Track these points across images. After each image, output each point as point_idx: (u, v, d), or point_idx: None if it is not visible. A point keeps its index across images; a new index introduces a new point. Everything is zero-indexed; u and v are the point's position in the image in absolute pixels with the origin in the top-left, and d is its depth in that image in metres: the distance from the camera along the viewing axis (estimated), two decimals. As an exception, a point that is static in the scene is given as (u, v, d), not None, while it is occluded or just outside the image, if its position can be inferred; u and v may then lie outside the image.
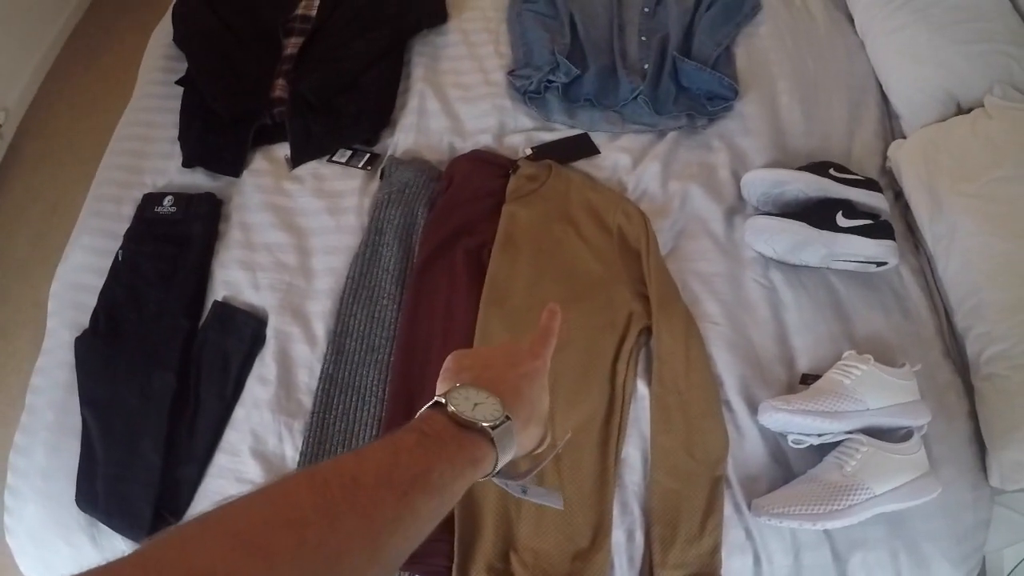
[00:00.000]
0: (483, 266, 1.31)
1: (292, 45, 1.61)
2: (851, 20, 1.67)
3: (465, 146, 1.47)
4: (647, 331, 1.25)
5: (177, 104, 1.56)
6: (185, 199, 1.42)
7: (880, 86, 1.56)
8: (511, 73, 1.52)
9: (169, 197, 1.43)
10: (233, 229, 1.41)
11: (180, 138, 1.50)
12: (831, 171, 1.36)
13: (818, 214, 1.30)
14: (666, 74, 1.50)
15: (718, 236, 1.35)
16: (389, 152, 1.48)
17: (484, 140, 1.47)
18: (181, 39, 1.65)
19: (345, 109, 1.51)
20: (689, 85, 1.50)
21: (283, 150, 1.49)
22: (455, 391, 0.51)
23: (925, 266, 1.35)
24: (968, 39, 1.43)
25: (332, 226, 1.39)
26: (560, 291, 1.28)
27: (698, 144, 1.45)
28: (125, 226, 1.41)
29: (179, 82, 1.58)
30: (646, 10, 1.64)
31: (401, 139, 1.48)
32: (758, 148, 1.44)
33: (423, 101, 1.52)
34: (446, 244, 1.33)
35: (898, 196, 1.43)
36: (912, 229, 1.39)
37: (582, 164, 1.44)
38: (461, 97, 1.53)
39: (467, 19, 1.67)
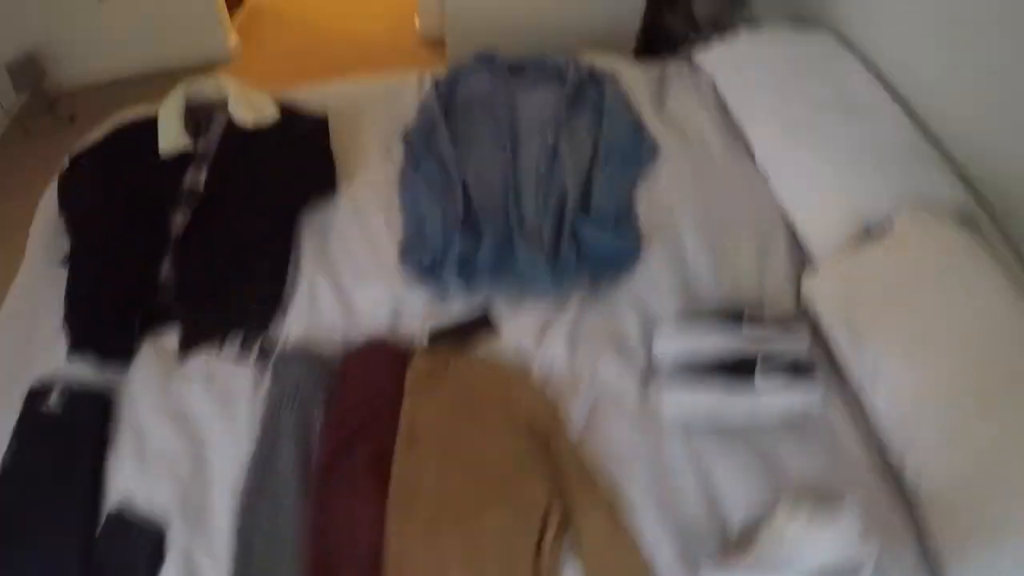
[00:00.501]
0: (386, 471, 1.21)
1: (179, 224, 1.55)
2: (753, 157, 1.68)
3: (358, 334, 1.39)
4: (568, 521, 1.18)
5: (63, 282, 1.47)
6: (71, 397, 1.33)
7: (784, 216, 1.56)
8: (403, 251, 1.48)
9: (55, 394, 1.34)
10: (125, 433, 1.31)
11: (65, 321, 1.41)
12: (744, 319, 1.33)
13: (734, 374, 1.27)
14: (565, 239, 1.46)
15: (632, 409, 1.29)
16: (281, 342, 1.40)
17: (378, 326, 1.40)
18: (66, 213, 1.59)
19: (233, 295, 1.45)
20: (589, 251, 1.46)
21: (172, 338, 1.42)
22: None
23: (851, 400, 1.30)
24: (868, 158, 1.46)
25: (226, 431, 1.29)
26: (471, 492, 1.20)
27: (604, 308, 1.41)
28: (12, 419, 1.30)
29: (64, 262, 1.51)
30: (541, 169, 1.62)
31: (293, 326, 1.41)
32: (667, 305, 1.41)
33: (313, 285, 1.46)
34: (345, 449, 1.23)
35: (817, 328, 1.39)
36: (836, 360, 1.35)
37: (484, 346, 1.37)
38: (353, 278, 1.46)
39: (358, 187, 1.62)
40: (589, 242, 1.46)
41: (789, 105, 1.64)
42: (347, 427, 1.25)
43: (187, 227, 1.52)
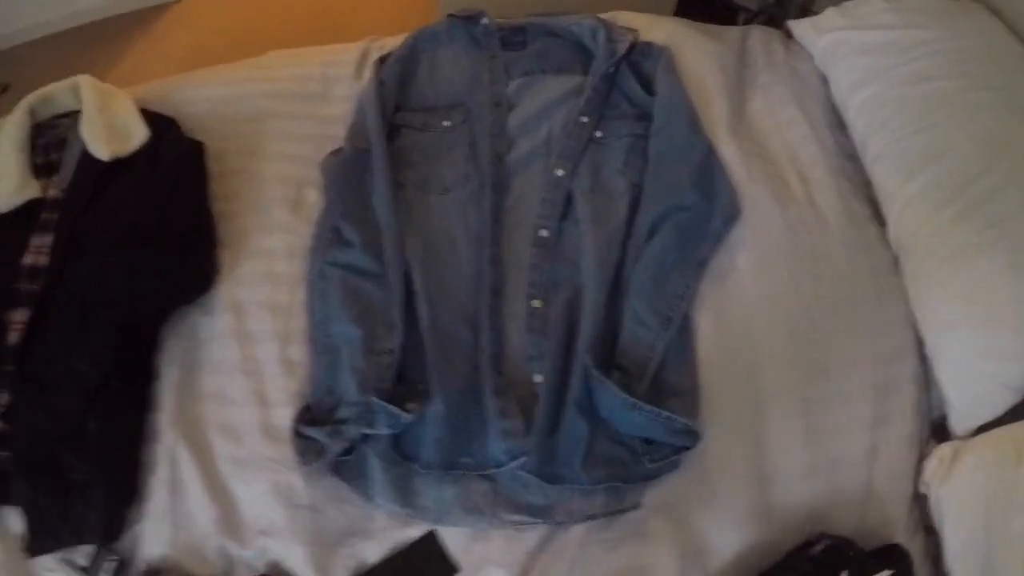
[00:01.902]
0: None
1: (17, 325, 1.04)
2: (879, 218, 1.07)
3: (243, 553, 0.88)
4: None
5: None
6: None
7: (919, 340, 1.00)
8: (299, 427, 0.91)
9: None
10: None
11: None
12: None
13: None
14: (571, 400, 0.88)
15: None
16: (139, 556, 0.90)
17: (270, 548, 0.87)
18: None
19: (72, 474, 0.97)
20: (612, 421, 0.89)
21: (15, 518, 0.97)
22: None
23: None
24: None
25: None
26: None
27: (625, 531, 0.87)
28: None
29: None
30: (544, 233, 1.01)
31: (153, 533, 0.91)
32: (727, 525, 0.88)
33: (176, 466, 0.92)
34: None
35: (930, 531, 0.94)
36: None
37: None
38: (230, 459, 0.92)
39: (244, 280, 1.03)
40: (611, 417, 0.88)
41: (950, 145, 1.01)
42: None
43: (24, 341, 1.02)
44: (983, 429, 0.94)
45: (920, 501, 0.95)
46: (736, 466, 0.90)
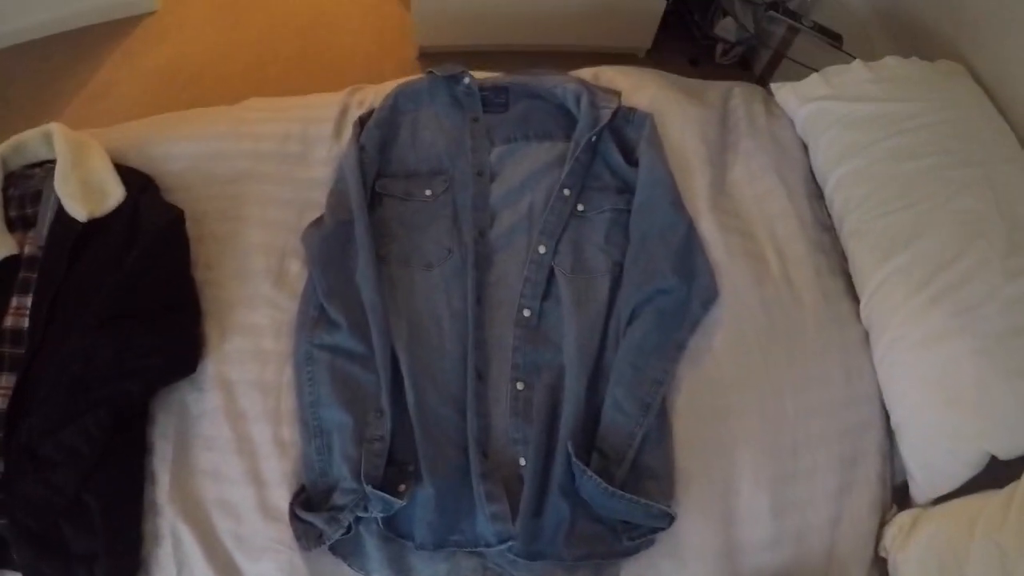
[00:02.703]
0: None
1: (1, 392, 1.05)
2: (853, 294, 1.12)
3: None
4: None
5: None
6: None
7: (885, 413, 1.06)
8: (296, 509, 0.93)
9: None
10: None
11: None
12: None
13: None
14: (554, 483, 0.92)
15: None
16: None
17: None
18: None
19: (73, 546, 0.98)
20: (592, 504, 0.93)
21: None
22: None
23: None
24: None
25: None
26: None
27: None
28: None
29: None
30: (526, 312, 1.04)
31: None
32: None
33: (179, 541, 0.95)
34: None
35: None
36: None
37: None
38: (232, 535, 0.94)
39: (232, 357, 1.04)
40: (590, 500, 0.93)
41: (927, 228, 1.05)
42: None
43: (10, 409, 1.02)
44: (942, 499, 1.00)
45: (880, 564, 1.01)
46: (706, 539, 0.95)
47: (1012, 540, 0.84)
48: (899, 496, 1.06)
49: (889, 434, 1.06)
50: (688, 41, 2.14)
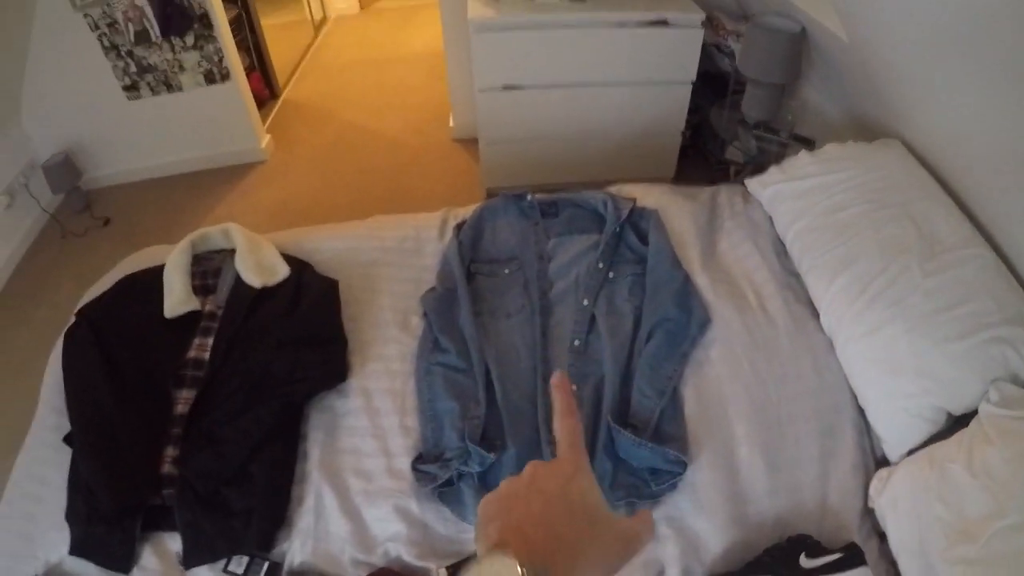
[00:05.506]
0: None
1: (183, 400, 1.51)
2: (816, 314, 1.52)
3: (369, 559, 1.29)
4: None
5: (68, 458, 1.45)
6: None
7: (854, 396, 1.41)
8: (416, 465, 1.37)
9: None
10: None
11: (67, 517, 1.39)
12: (802, 558, 1.20)
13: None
14: (600, 446, 1.32)
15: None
16: (287, 563, 1.32)
17: (391, 551, 1.30)
18: (68, 385, 1.56)
19: (234, 504, 1.38)
20: (627, 459, 1.33)
21: (174, 541, 1.37)
22: None
23: None
24: (953, 333, 1.29)
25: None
26: None
27: (640, 535, 1.29)
28: None
29: (66, 440, 1.49)
30: (576, 343, 1.49)
31: (298, 547, 1.32)
32: (714, 529, 1.25)
33: (320, 498, 1.36)
34: None
35: (882, 537, 1.26)
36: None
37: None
38: (363, 492, 1.36)
39: (370, 374, 1.52)
40: (626, 453, 1.32)
41: (859, 254, 1.46)
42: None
43: (190, 412, 1.48)
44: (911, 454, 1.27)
45: (871, 515, 1.27)
46: (716, 487, 1.29)
47: (961, 463, 1.13)
48: (881, 466, 1.33)
49: (861, 413, 1.38)
50: (705, 168, 2.60)
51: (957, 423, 1.27)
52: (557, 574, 0.42)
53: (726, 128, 2.42)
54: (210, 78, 2.96)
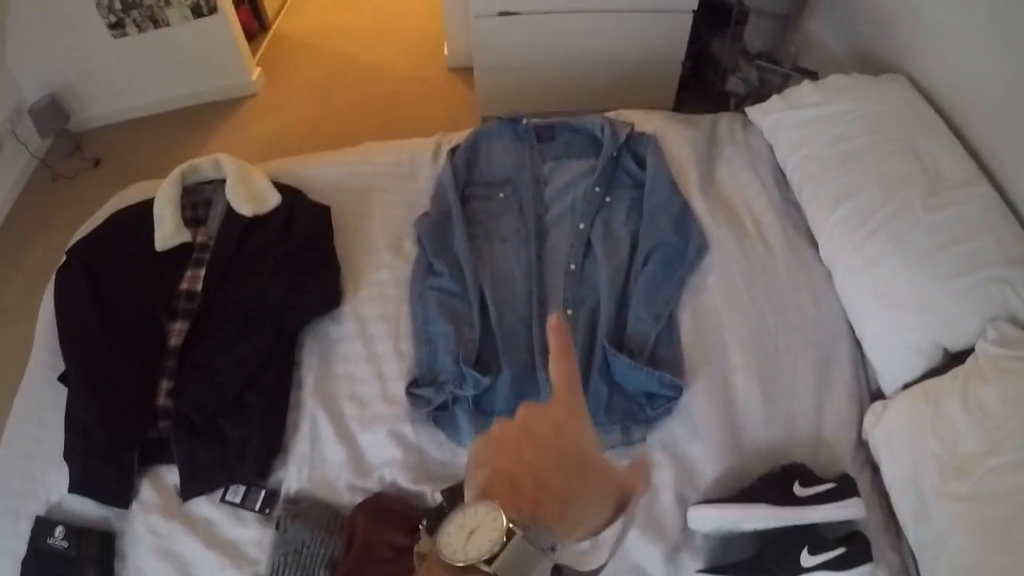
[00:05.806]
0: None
1: (177, 332, 1.50)
2: (815, 244, 1.50)
3: (365, 484, 1.30)
4: None
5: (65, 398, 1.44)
6: (77, 533, 1.32)
7: (851, 328, 1.40)
8: (411, 389, 1.36)
9: (60, 528, 1.34)
10: (129, 571, 1.30)
11: (65, 456, 1.42)
12: (795, 486, 1.21)
13: (779, 556, 1.16)
14: (595, 370, 1.31)
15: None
16: (283, 490, 1.32)
17: (387, 476, 1.30)
18: (60, 322, 1.55)
19: (230, 434, 1.38)
20: (623, 383, 1.32)
21: (171, 474, 1.38)
22: (446, 524, 0.41)
23: (909, 564, 1.18)
24: (954, 270, 1.28)
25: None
26: None
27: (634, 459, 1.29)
28: (22, 545, 1.31)
29: (61, 379, 1.48)
30: (572, 267, 1.47)
31: (294, 474, 1.33)
32: (709, 456, 1.26)
33: (315, 425, 1.36)
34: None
35: (876, 469, 1.27)
36: (892, 514, 1.22)
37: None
38: (357, 417, 1.35)
39: (363, 300, 1.50)
40: (622, 377, 1.31)
41: (862, 185, 1.43)
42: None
43: (184, 343, 1.47)
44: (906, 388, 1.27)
45: (865, 447, 1.27)
46: (712, 416, 1.29)
47: (956, 399, 1.14)
48: (877, 399, 1.32)
49: (858, 345, 1.37)
50: (706, 100, 2.54)
51: (953, 360, 1.28)
52: (544, 525, 0.40)
53: (728, 58, 2.35)
54: (197, 11, 2.85)
